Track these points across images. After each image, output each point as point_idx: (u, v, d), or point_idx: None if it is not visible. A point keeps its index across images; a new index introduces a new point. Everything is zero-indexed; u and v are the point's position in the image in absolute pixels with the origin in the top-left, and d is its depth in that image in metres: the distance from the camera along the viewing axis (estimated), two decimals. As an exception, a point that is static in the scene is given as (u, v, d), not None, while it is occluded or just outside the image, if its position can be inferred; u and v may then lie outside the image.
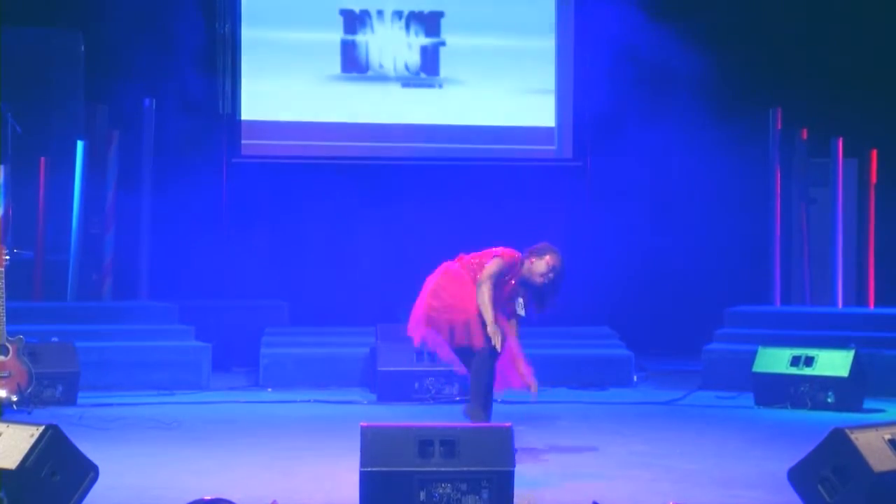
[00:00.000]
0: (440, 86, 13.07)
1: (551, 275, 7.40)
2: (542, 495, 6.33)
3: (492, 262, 7.43)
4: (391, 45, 13.01)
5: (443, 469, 5.64)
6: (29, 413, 8.83)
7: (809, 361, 9.67)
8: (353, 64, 12.96)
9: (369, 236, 12.87)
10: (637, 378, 11.19)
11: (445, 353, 7.65)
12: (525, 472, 6.62)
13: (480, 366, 7.35)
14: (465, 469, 5.65)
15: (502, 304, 7.50)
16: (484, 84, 13.06)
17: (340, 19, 12.92)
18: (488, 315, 7.25)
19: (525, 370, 7.55)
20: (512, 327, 7.57)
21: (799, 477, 5.86)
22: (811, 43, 13.24)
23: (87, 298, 11.61)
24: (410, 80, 13.04)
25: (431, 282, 7.54)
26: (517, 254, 7.51)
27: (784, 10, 13.30)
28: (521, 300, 7.49)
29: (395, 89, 13.01)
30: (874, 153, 11.86)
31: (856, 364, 9.54)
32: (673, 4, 13.16)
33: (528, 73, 13.13)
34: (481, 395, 7.37)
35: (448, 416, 9.05)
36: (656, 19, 13.15)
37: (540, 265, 7.41)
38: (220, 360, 11.15)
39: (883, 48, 13.19)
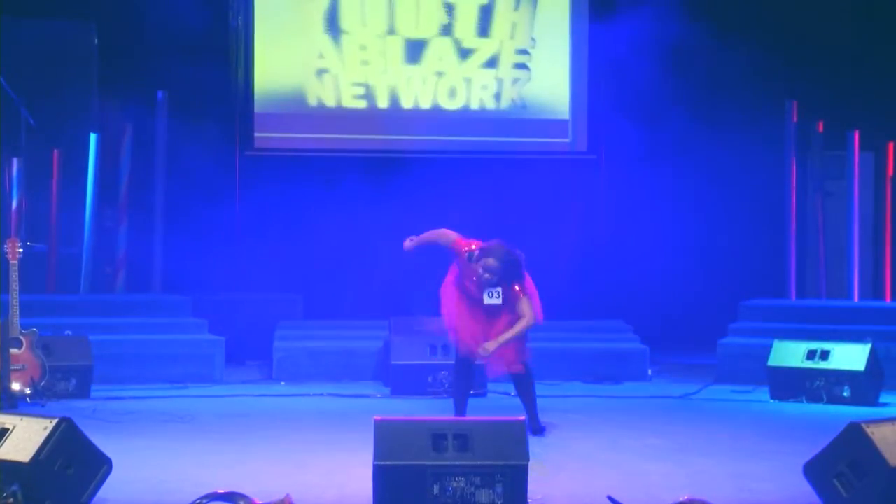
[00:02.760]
0: (456, 78, 13.02)
1: (486, 275, 7.73)
2: (555, 490, 6.31)
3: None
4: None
5: (456, 463, 5.63)
6: (42, 406, 8.84)
7: (825, 355, 9.63)
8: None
9: (382, 229, 12.83)
10: (652, 372, 11.16)
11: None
12: (539, 466, 6.59)
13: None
14: (478, 463, 5.64)
15: (478, 300, 7.88)
16: (499, 76, 13.02)
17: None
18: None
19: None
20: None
21: (815, 471, 5.84)
22: (827, 35, 13.17)
23: (101, 291, 11.62)
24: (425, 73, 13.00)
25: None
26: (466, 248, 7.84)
27: (800, 3, 13.24)
28: (488, 291, 7.79)
29: (410, 82, 12.96)
30: (891, 146, 11.81)
31: (872, 358, 9.49)
32: (689, -4, 13.15)
33: (542, 65, 13.07)
34: None
35: (462, 409, 9.04)
36: (672, 11, 13.10)
37: (479, 270, 7.75)
38: (233, 353, 11.14)
39: (899, 40, 13.15)
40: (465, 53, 12.92)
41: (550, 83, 13.08)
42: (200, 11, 12.30)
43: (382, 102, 12.89)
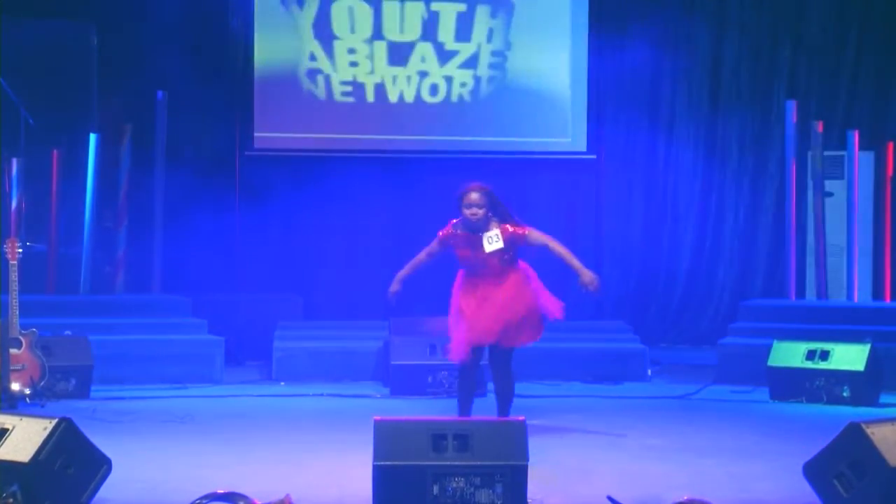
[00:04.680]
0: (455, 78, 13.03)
1: (475, 211, 7.54)
2: (555, 490, 6.30)
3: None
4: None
5: (456, 463, 5.62)
6: (42, 406, 8.83)
7: (825, 355, 9.62)
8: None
9: (383, 229, 12.84)
10: (651, 372, 11.15)
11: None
12: (539, 466, 6.60)
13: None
14: (478, 463, 5.63)
15: (481, 266, 7.63)
16: (498, 76, 13.02)
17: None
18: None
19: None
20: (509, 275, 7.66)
21: (815, 471, 5.83)
22: (827, 35, 13.17)
23: (100, 292, 11.60)
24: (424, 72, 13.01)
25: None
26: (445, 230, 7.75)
27: (800, 3, 13.24)
28: (486, 237, 7.58)
29: (410, 81, 12.96)
30: (890, 146, 11.80)
31: (872, 358, 9.49)
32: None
33: (542, 64, 13.06)
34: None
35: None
36: (672, 12, 13.10)
37: (465, 213, 7.60)
38: (233, 353, 11.15)
39: (898, 40, 13.14)
40: (447, 55, 12.95)
41: (550, 82, 13.06)
42: (200, 11, 12.30)
43: (382, 103, 12.89)
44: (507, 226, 7.60)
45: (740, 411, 9.37)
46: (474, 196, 7.56)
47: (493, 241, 7.58)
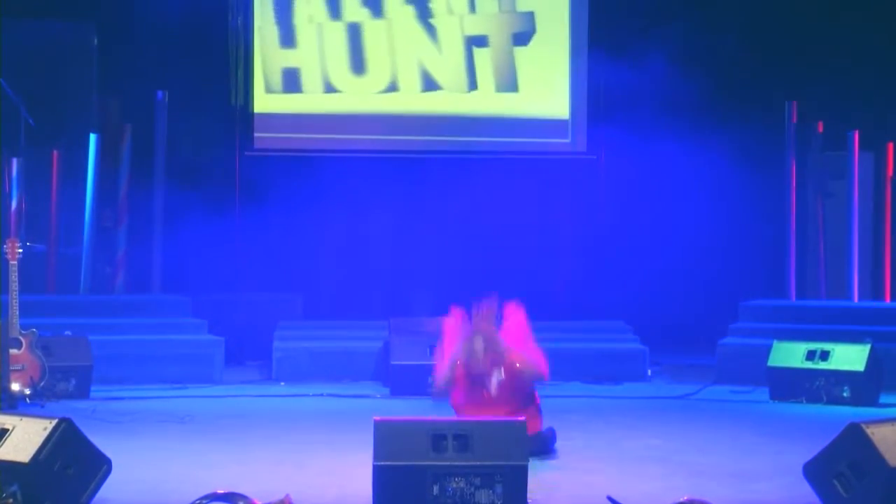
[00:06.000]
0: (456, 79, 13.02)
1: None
2: (556, 490, 6.30)
3: None
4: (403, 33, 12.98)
5: (456, 463, 5.63)
6: (42, 406, 8.83)
7: (825, 356, 9.63)
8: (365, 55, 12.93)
9: (383, 229, 12.84)
10: (651, 372, 11.16)
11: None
12: (539, 466, 6.61)
13: None
14: (478, 463, 5.64)
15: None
16: (498, 76, 13.01)
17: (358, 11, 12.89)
18: None
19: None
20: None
21: (815, 472, 5.83)
22: (827, 35, 13.17)
23: (100, 292, 11.61)
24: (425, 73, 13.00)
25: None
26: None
27: (800, 3, 13.24)
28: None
29: (410, 81, 12.96)
30: (890, 146, 11.81)
31: (872, 358, 9.49)
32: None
33: (542, 65, 13.06)
34: None
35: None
36: (672, 11, 13.10)
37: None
38: (233, 353, 11.15)
39: (899, 40, 13.14)
40: (457, 44, 12.93)
41: (550, 83, 13.06)
42: (200, 11, 12.29)
43: (382, 102, 12.89)
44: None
45: (740, 411, 9.37)
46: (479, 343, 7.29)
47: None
